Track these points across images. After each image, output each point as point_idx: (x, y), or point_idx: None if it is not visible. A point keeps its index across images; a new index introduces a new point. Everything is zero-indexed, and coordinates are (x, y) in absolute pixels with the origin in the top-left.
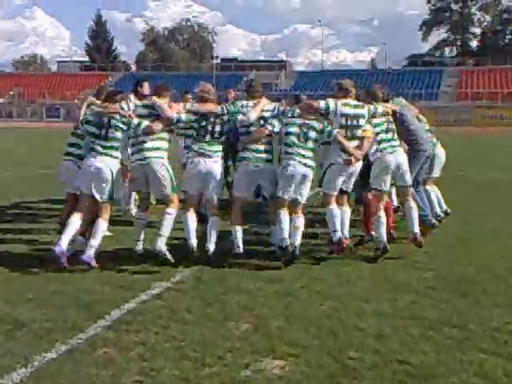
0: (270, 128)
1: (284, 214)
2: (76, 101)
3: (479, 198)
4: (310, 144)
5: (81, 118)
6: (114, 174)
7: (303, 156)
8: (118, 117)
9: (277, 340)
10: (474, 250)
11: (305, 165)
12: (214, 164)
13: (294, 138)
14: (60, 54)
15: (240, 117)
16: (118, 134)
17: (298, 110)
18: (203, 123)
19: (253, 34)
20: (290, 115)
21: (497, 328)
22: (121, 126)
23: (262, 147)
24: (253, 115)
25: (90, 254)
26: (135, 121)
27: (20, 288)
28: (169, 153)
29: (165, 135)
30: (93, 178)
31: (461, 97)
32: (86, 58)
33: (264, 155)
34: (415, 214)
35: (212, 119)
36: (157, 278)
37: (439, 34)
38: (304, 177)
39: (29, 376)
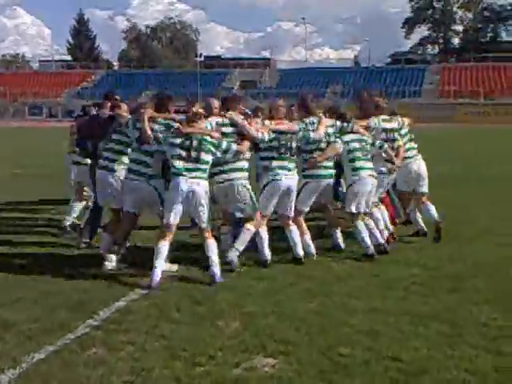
0: (340, 145)
1: (362, 225)
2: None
3: (468, 195)
4: (370, 157)
5: (148, 133)
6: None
7: (371, 169)
8: (208, 139)
9: (267, 338)
10: (462, 246)
11: (373, 176)
12: (294, 181)
13: (358, 153)
14: (42, 53)
15: (313, 134)
16: (209, 158)
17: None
18: (283, 141)
19: (236, 32)
20: (348, 130)
21: (486, 324)
22: (212, 149)
23: (330, 163)
24: (322, 132)
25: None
26: (224, 144)
27: (8, 288)
28: None
29: (248, 155)
30: (188, 203)
31: (443, 94)
32: (68, 57)
33: (331, 171)
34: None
35: (289, 136)
36: (145, 277)
37: (421, 32)
38: (373, 187)
39: (17, 377)
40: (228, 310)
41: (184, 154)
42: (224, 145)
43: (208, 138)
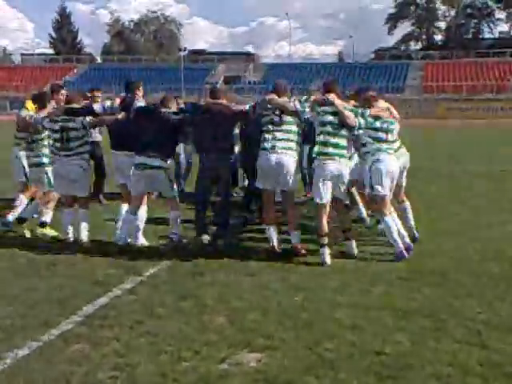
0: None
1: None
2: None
3: (449, 191)
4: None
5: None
6: None
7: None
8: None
9: (253, 333)
10: (445, 241)
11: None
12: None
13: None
14: (23, 47)
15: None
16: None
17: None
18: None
19: (220, 27)
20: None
21: (469, 318)
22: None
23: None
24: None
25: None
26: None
27: None
28: None
29: None
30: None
31: (426, 90)
32: (51, 51)
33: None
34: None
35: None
36: (129, 272)
37: (405, 28)
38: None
39: (1, 373)
40: (213, 306)
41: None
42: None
43: None
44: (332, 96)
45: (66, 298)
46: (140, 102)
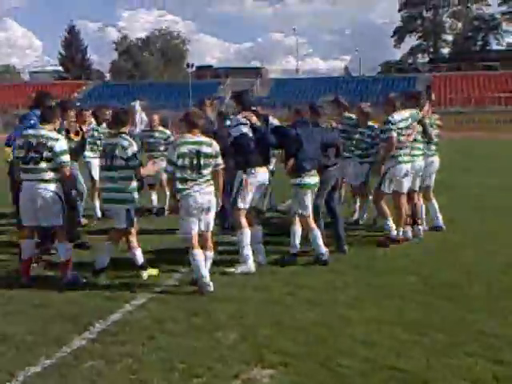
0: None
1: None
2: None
3: (461, 203)
4: None
5: None
6: None
7: None
8: None
9: (265, 349)
10: (456, 254)
11: None
12: None
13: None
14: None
15: None
16: None
17: None
18: None
19: (226, 43)
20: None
21: (482, 331)
22: None
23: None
24: None
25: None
26: None
27: (2, 301)
28: None
29: None
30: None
31: (434, 102)
32: (60, 68)
33: None
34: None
35: None
36: (140, 288)
37: (411, 42)
38: None
39: None
40: (226, 321)
41: None
42: None
43: None
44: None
45: (77, 314)
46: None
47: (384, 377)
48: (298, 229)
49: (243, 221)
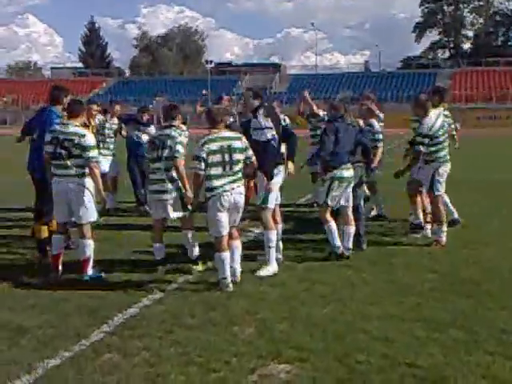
0: None
1: None
2: None
3: (481, 201)
4: None
5: None
6: None
7: None
8: None
9: (282, 344)
10: (477, 251)
11: None
12: None
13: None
14: (53, 61)
15: None
16: None
17: None
18: None
19: (246, 39)
20: None
21: (502, 329)
22: None
23: None
24: None
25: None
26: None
27: (22, 295)
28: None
29: None
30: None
31: (455, 99)
32: (80, 65)
33: None
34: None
35: None
36: (158, 282)
37: (432, 37)
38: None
39: (33, 383)
40: (242, 316)
41: None
42: None
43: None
44: None
45: (96, 308)
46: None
47: (402, 373)
48: (332, 226)
49: (272, 221)
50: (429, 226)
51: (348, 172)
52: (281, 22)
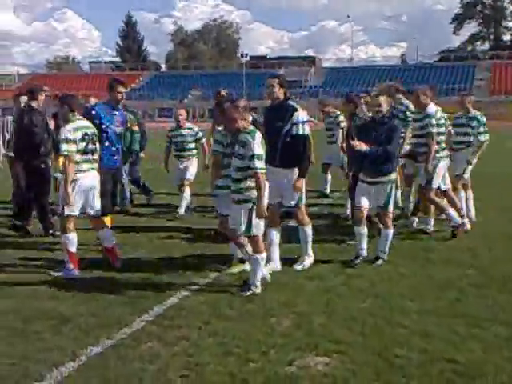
0: None
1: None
2: None
3: None
4: None
5: None
6: None
7: None
8: None
9: (320, 337)
10: None
11: None
12: None
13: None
14: (91, 55)
15: None
16: None
17: None
18: None
19: (281, 32)
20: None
21: None
22: None
23: None
24: None
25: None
26: None
27: (64, 284)
28: None
29: None
30: None
31: (494, 91)
32: (117, 59)
33: None
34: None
35: None
36: (197, 273)
37: (471, 28)
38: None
39: (76, 370)
40: (279, 309)
41: None
42: None
43: None
44: None
45: (136, 298)
46: None
47: (441, 368)
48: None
49: (307, 217)
50: (416, 219)
51: None
52: (316, 14)
